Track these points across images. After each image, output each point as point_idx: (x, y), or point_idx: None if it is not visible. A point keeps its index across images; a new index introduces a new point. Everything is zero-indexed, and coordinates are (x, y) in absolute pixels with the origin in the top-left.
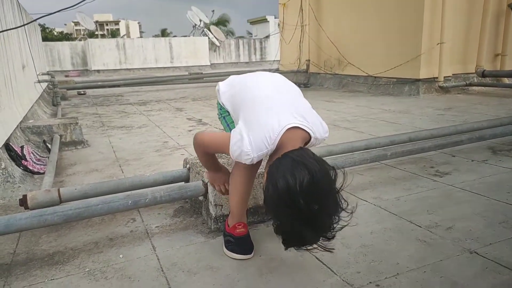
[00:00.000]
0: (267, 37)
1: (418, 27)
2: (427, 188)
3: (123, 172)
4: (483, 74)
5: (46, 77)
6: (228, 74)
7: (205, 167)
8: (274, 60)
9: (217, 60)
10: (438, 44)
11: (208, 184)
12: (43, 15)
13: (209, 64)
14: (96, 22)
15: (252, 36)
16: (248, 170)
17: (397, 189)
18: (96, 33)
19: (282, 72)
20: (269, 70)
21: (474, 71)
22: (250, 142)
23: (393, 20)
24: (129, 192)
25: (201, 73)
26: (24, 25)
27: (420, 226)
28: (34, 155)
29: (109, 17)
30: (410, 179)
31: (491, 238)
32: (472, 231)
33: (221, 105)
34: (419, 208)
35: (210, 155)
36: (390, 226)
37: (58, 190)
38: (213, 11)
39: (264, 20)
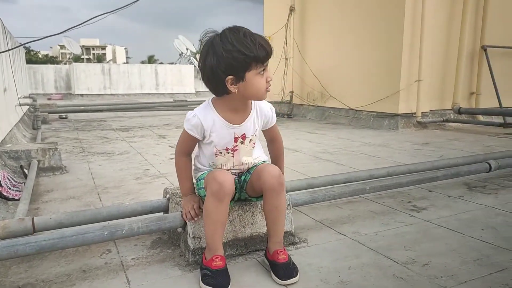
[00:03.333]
0: None
1: (397, 65)
2: (404, 223)
3: (101, 200)
4: (459, 111)
5: (28, 101)
6: None
7: (179, 186)
8: None
9: (202, 88)
10: (416, 81)
11: (194, 222)
12: (30, 40)
13: (194, 91)
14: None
15: None
16: (219, 199)
17: (375, 224)
18: (82, 57)
19: None
20: None
21: (450, 108)
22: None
23: (373, 57)
24: (105, 223)
25: (186, 101)
26: (8, 50)
27: (397, 262)
28: (9, 180)
29: (96, 41)
30: (388, 214)
31: (466, 275)
32: (448, 268)
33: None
34: (397, 243)
35: (184, 167)
36: (368, 261)
37: (32, 219)
38: (199, 40)
39: None
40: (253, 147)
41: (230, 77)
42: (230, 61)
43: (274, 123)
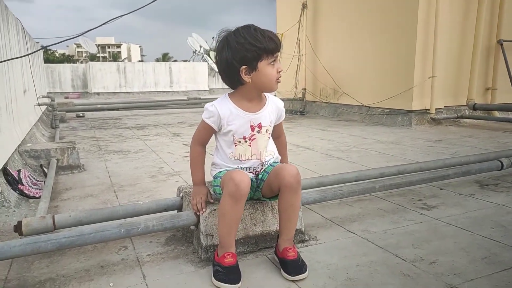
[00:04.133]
0: None
1: (410, 61)
2: (414, 221)
3: (117, 198)
4: (474, 107)
5: (46, 100)
6: None
7: (191, 174)
8: None
9: (215, 85)
10: (430, 77)
11: (200, 214)
12: (51, 44)
13: (207, 89)
14: (98, 45)
15: None
16: (236, 200)
17: (385, 222)
18: (98, 55)
19: None
20: None
21: (465, 104)
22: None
23: (387, 53)
24: (122, 221)
25: (200, 98)
26: (29, 54)
27: (405, 260)
28: (30, 179)
29: (111, 40)
30: (398, 212)
31: (473, 273)
32: (455, 266)
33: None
34: (405, 241)
35: (198, 156)
36: (376, 259)
37: (53, 217)
38: (213, 38)
39: None
40: (269, 138)
41: (244, 67)
42: (243, 52)
43: (283, 119)
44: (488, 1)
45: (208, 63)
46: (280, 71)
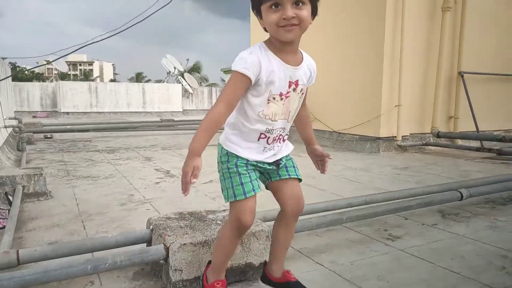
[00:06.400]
0: None
1: (378, 91)
2: (379, 252)
3: (85, 229)
4: (438, 135)
5: (13, 122)
6: (200, 121)
7: (195, 137)
8: None
9: (189, 107)
10: (396, 106)
11: (169, 248)
12: (33, 67)
13: (181, 110)
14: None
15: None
16: (241, 234)
17: (352, 253)
18: (69, 73)
19: None
20: None
21: (430, 132)
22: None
23: (356, 83)
24: (89, 255)
25: (173, 120)
26: (6, 78)
27: None
28: None
29: (83, 57)
30: (365, 243)
31: None
32: None
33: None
34: (371, 273)
35: (219, 120)
36: None
37: (17, 252)
38: (187, 59)
39: None
40: (300, 101)
41: (254, 11)
42: None
43: (311, 84)
44: (449, 35)
45: (182, 85)
46: (284, 17)
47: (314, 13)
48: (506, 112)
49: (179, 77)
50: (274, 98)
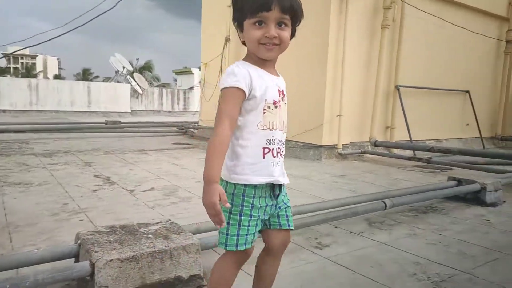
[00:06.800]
0: (191, 88)
1: (321, 101)
2: (306, 261)
3: (11, 242)
4: (375, 144)
5: None
6: (148, 123)
7: (208, 166)
8: (196, 111)
9: (138, 107)
10: (337, 116)
11: (95, 264)
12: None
13: (129, 111)
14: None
15: (177, 85)
16: (240, 267)
17: (282, 262)
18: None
19: (201, 128)
20: (192, 123)
21: (368, 140)
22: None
23: (301, 93)
24: (13, 272)
25: (119, 122)
26: None
27: None
28: None
29: (25, 50)
30: (295, 252)
31: None
32: None
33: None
34: (294, 284)
35: (227, 141)
36: None
37: None
38: (137, 59)
39: (189, 72)
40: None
41: (235, 23)
42: (234, 7)
43: None
44: (387, 51)
45: (131, 85)
46: (267, 35)
47: (292, 35)
48: (437, 122)
49: (128, 77)
50: (269, 107)
